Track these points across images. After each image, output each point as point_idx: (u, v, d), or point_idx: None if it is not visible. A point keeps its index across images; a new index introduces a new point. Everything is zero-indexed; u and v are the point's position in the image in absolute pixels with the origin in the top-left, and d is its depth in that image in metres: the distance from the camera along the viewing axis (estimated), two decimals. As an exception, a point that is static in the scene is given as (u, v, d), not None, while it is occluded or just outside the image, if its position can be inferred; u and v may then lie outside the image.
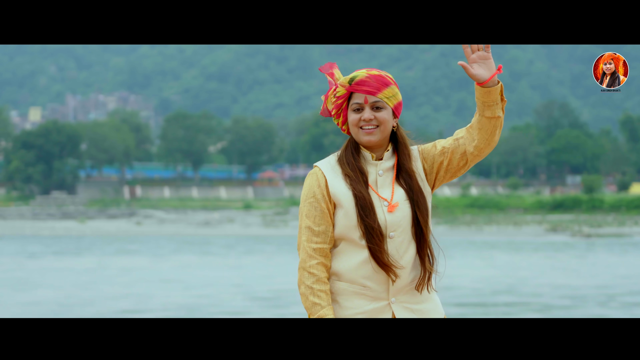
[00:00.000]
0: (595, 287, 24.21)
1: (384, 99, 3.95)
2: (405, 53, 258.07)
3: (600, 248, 39.90)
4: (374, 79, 3.94)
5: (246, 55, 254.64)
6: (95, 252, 39.39)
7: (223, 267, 31.49)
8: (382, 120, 3.95)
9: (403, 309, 3.92)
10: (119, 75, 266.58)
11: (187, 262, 33.81)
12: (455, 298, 21.22)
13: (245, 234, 53.29)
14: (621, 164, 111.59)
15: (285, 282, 25.71)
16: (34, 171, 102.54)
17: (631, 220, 60.61)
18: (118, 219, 71.99)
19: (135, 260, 35.11)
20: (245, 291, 23.56)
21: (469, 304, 20.45)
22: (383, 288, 3.91)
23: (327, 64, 4.07)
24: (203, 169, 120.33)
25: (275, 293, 23.12)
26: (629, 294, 22.47)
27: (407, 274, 3.92)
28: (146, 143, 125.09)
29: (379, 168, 3.98)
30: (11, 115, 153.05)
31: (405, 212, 3.92)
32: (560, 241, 44.96)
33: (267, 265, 32.03)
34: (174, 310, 19.48)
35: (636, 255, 36.25)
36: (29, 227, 61.28)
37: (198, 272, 29.72)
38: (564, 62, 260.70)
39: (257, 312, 19.20)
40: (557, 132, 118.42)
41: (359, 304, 3.91)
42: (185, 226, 61.55)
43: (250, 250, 40.64)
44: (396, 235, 3.90)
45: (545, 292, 23.11)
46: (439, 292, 4.05)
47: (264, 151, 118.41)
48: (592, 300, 21.31)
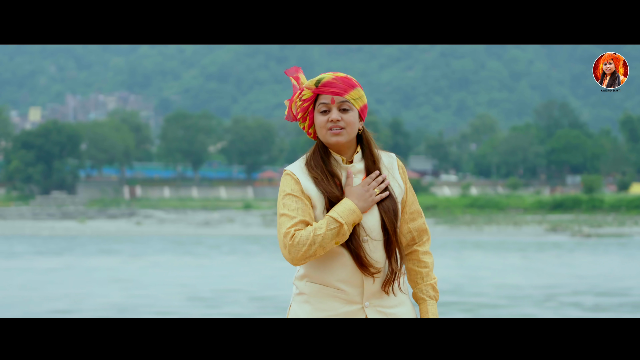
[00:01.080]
0: (539, 287, 24.20)
1: (351, 100, 3.93)
2: (405, 53, 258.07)
3: (582, 247, 39.91)
4: (340, 80, 3.93)
5: (246, 55, 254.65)
6: (76, 252, 39.40)
7: (189, 268, 31.48)
8: (349, 121, 3.92)
9: (376, 313, 3.90)
10: (119, 75, 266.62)
11: (155, 262, 33.85)
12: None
13: (245, 234, 53.30)
14: (621, 164, 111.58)
15: (236, 282, 25.65)
16: (34, 171, 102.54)
17: (631, 220, 60.61)
18: (118, 219, 71.99)
19: (105, 260, 35.13)
20: (186, 291, 23.53)
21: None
22: (357, 291, 3.89)
23: (292, 68, 4.05)
24: (203, 169, 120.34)
25: (216, 293, 23.14)
26: (567, 294, 22.49)
27: (380, 276, 3.91)
28: (146, 143, 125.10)
29: (350, 171, 3.96)
30: (11, 115, 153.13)
31: (375, 215, 3.90)
32: (561, 241, 44.98)
33: (230, 265, 31.99)
34: (102, 311, 19.46)
35: (600, 254, 36.26)
36: (29, 227, 61.29)
37: (155, 271, 29.73)
38: (564, 62, 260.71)
39: (187, 313, 19.17)
40: (557, 132, 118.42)
41: (332, 307, 3.89)
42: (185, 226, 61.55)
43: (234, 250, 40.68)
44: (369, 239, 3.89)
45: (487, 292, 23.13)
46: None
47: (264, 151, 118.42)
48: (529, 299, 21.33)
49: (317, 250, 3.79)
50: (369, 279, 3.89)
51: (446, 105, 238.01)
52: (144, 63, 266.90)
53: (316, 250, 3.79)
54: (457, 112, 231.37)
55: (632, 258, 34.43)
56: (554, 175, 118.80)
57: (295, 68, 4.05)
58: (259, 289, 24.08)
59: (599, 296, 22.12)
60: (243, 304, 20.65)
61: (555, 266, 30.96)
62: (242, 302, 21.22)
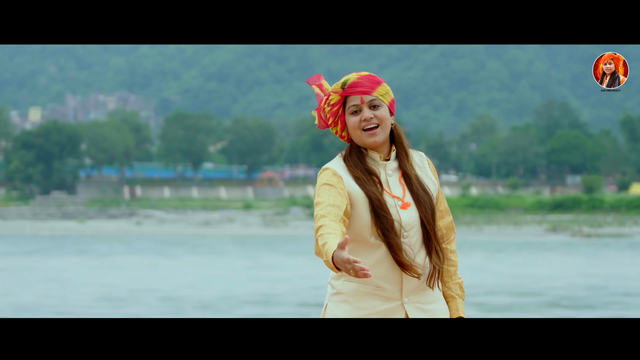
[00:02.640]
0: (540, 287, 24.19)
1: (380, 97, 3.93)
2: (405, 53, 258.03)
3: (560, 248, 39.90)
4: (365, 79, 3.93)
5: (246, 55, 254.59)
6: (47, 253, 39.46)
7: (139, 267, 31.52)
8: (382, 117, 3.93)
9: (415, 309, 3.91)
10: (119, 75, 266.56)
11: (115, 262, 33.92)
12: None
13: (245, 234, 53.29)
14: (621, 164, 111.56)
15: (142, 282, 25.67)
16: (34, 171, 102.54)
17: (631, 220, 60.61)
18: (118, 219, 72.00)
19: (63, 260, 35.21)
20: (99, 292, 23.54)
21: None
22: (396, 288, 3.90)
23: (314, 76, 4.04)
24: (203, 169, 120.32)
25: (130, 293, 23.15)
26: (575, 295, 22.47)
27: (421, 272, 3.93)
28: (146, 143, 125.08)
29: (387, 168, 3.96)
30: (11, 115, 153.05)
31: (416, 213, 3.92)
32: (561, 241, 44.98)
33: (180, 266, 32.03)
34: (7, 311, 19.51)
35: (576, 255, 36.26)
36: (29, 227, 61.28)
37: (99, 272, 29.79)
38: (564, 62, 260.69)
39: (88, 313, 19.21)
40: (557, 132, 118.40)
41: (372, 305, 3.90)
42: (185, 226, 61.55)
43: (211, 250, 40.74)
44: (410, 235, 3.90)
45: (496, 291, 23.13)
46: None
47: (264, 151, 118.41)
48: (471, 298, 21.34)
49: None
50: (408, 275, 3.90)
51: (446, 105, 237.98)
52: (144, 63, 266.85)
53: None
54: (457, 112, 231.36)
55: (632, 258, 34.44)
56: (554, 175, 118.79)
57: (317, 76, 4.04)
58: (155, 288, 24.02)
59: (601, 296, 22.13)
60: (132, 305, 20.60)
61: (555, 266, 30.97)
62: (134, 302, 21.17)
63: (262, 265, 32.39)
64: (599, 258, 34.56)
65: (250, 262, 34.07)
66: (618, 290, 23.41)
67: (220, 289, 24.53)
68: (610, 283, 25.31)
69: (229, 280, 26.93)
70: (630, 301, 21.15)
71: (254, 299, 22.08)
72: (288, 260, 34.58)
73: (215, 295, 22.94)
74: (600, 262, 32.55)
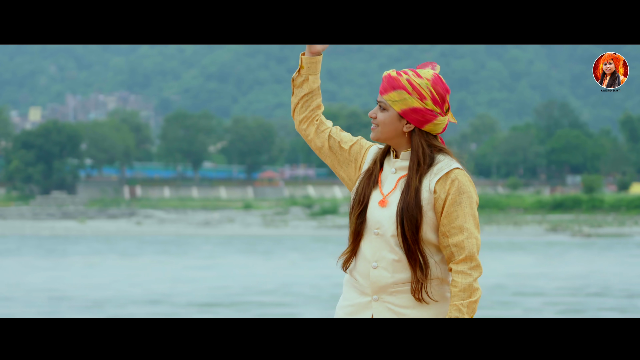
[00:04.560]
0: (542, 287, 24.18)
1: (388, 102, 3.95)
2: (405, 53, 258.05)
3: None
4: (387, 79, 3.99)
5: (246, 55, 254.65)
6: (19, 252, 39.51)
7: (99, 268, 31.55)
8: (380, 121, 3.96)
9: (385, 310, 3.89)
10: (119, 75, 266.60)
11: (79, 261, 33.97)
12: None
13: (245, 234, 53.29)
14: (621, 164, 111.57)
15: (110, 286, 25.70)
16: (34, 171, 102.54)
17: (631, 220, 60.62)
18: (118, 219, 72.01)
19: (24, 259, 35.28)
20: (47, 293, 23.57)
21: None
22: (367, 283, 3.91)
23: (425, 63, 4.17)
24: (203, 169, 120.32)
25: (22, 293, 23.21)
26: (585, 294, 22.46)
27: (389, 274, 3.88)
28: (146, 143, 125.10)
29: (393, 166, 3.98)
30: (11, 115, 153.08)
31: (392, 213, 3.90)
32: (561, 241, 44.98)
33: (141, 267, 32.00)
34: None
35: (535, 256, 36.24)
36: (29, 227, 61.28)
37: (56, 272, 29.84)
38: (564, 62, 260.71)
39: (25, 313, 19.21)
40: (557, 132, 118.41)
41: (352, 296, 3.95)
42: (185, 226, 61.54)
43: (188, 250, 40.75)
44: (380, 233, 3.90)
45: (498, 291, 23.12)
46: None
47: (264, 151, 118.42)
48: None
49: (291, 101, 4.10)
50: (376, 271, 3.89)
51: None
52: (144, 63, 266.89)
53: (291, 101, 4.10)
54: (457, 112, 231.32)
55: (633, 257, 34.44)
56: (554, 175, 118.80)
57: (431, 64, 4.16)
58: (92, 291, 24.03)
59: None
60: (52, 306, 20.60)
61: (556, 266, 30.97)
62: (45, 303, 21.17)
63: (191, 266, 32.22)
64: (599, 258, 34.56)
65: (189, 262, 33.91)
66: (618, 290, 23.42)
67: (116, 289, 24.50)
68: (611, 283, 25.32)
69: (129, 281, 26.79)
70: (631, 302, 21.16)
71: (139, 299, 22.00)
72: (234, 260, 34.42)
73: (100, 295, 22.94)
74: (600, 262, 32.56)
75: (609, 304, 20.50)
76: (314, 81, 4.06)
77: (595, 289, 23.90)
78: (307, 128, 4.04)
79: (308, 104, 4.04)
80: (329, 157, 4.05)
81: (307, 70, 4.03)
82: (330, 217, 68.59)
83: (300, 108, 4.05)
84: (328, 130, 4.06)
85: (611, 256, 35.39)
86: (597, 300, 21.39)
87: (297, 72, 4.06)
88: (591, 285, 24.71)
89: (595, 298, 21.77)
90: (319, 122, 4.05)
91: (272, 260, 35.05)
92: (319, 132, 4.05)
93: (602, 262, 32.48)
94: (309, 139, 4.05)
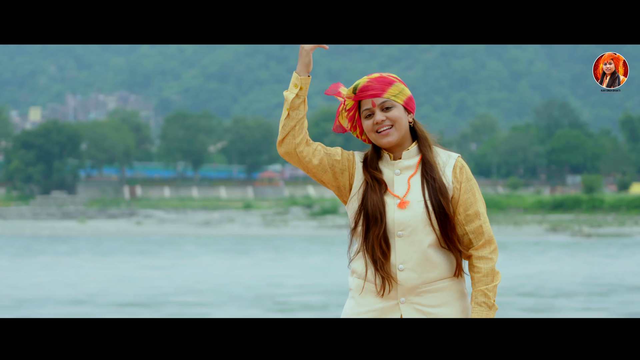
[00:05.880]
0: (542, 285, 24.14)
1: (391, 98, 3.95)
2: (405, 53, 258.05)
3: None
4: (375, 81, 3.96)
5: (246, 55, 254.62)
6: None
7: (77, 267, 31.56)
8: (394, 118, 3.95)
9: (413, 310, 3.90)
10: (119, 75, 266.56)
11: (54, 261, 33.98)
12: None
13: (245, 234, 53.28)
14: (621, 164, 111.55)
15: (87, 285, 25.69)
16: (34, 171, 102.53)
17: (631, 220, 60.61)
18: (118, 219, 72.00)
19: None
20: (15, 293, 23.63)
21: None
22: (393, 287, 3.90)
23: (331, 87, 4.06)
24: (203, 168, 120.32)
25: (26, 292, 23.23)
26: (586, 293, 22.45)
27: (417, 275, 3.90)
28: (146, 143, 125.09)
29: (396, 167, 3.97)
30: (11, 115, 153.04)
31: (418, 212, 3.90)
32: (561, 241, 44.98)
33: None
34: None
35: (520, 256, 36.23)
36: (29, 227, 61.27)
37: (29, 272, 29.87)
38: (564, 62, 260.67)
39: None
40: (557, 132, 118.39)
41: (371, 302, 3.92)
42: (185, 226, 61.53)
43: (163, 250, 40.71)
44: (405, 234, 3.89)
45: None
46: None
47: (264, 151, 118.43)
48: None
49: (283, 124, 3.93)
50: (403, 273, 3.88)
51: (446, 105, 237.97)
52: (144, 63, 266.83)
53: (283, 124, 3.94)
54: (457, 112, 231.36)
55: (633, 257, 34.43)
56: (554, 175, 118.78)
57: (335, 85, 4.05)
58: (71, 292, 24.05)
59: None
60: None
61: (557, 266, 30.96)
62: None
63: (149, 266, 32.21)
64: (599, 258, 34.56)
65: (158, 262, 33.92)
66: (618, 291, 23.42)
67: (46, 289, 24.50)
68: (610, 283, 25.33)
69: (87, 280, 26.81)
70: (629, 302, 21.17)
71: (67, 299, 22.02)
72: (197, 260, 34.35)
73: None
74: (601, 262, 32.56)
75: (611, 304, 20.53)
76: (305, 102, 3.98)
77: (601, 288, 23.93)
78: (304, 150, 3.94)
79: (303, 125, 3.94)
80: (328, 172, 3.98)
81: (305, 92, 3.95)
82: (331, 217, 68.60)
83: (298, 130, 3.92)
84: (319, 147, 3.98)
85: (611, 256, 35.40)
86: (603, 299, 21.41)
87: (292, 94, 3.92)
88: (596, 285, 24.73)
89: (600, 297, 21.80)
90: (309, 142, 3.96)
91: (238, 259, 34.89)
92: (314, 151, 3.97)
93: (602, 262, 32.50)
94: (306, 160, 3.94)
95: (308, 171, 3.98)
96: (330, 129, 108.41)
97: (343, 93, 4.02)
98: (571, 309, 19.40)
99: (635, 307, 19.81)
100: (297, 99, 3.93)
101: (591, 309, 19.63)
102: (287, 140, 3.93)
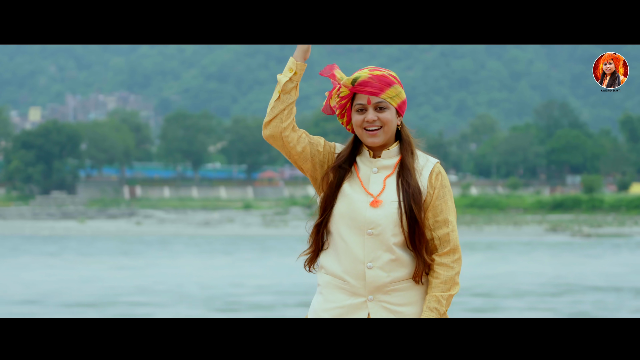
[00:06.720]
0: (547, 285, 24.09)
1: (388, 99, 3.93)
2: (405, 53, 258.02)
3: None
4: (376, 79, 3.93)
5: (246, 55, 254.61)
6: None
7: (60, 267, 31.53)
8: (386, 121, 3.93)
9: (382, 309, 3.89)
10: (119, 75, 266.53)
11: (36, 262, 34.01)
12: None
13: (245, 234, 53.27)
14: (621, 164, 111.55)
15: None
16: (34, 171, 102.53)
17: (631, 220, 60.62)
18: (118, 219, 71.98)
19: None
20: None
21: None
22: (361, 284, 3.89)
23: (326, 67, 4.03)
24: (203, 169, 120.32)
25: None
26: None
27: (385, 273, 3.89)
28: (146, 143, 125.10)
29: (374, 165, 3.96)
30: (11, 115, 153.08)
31: (390, 212, 3.89)
32: (561, 241, 44.97)
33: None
34: None
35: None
36: (28, 227, 61.26)
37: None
38: (564, 62, 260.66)
39: None
40: (557, 132, 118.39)
41: (339, 298, 3.91)
42: (185, 226, 61.51)
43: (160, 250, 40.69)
44: (375, 233, 3.88)
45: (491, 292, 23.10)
46: None
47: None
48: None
49: (272, 106, 3.93)
50: (371, 271, 3.88)
51: (446, 105, 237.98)
52: (144, 63, 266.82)
53: (272, 106, 3.93)
54: (457, 112, 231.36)
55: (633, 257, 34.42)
56: (554, 175, 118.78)
57: (330, 66, 4.04)
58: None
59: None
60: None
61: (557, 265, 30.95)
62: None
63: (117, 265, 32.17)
64: (581, 258, 34.55)
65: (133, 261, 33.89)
66: (573, 291, 23.42)
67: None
68: (570, 283, 25.31)
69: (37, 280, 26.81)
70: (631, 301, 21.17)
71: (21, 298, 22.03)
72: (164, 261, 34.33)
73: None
74: (578, 262, 32.55)
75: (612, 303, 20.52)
76: (297, 88, 3.97)
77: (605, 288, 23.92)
78: (289, 135, 3.92)
79: (292, 111, 3.93)
80: (308, 161, 3.96)
81: (299, 77, 3.94)
82: (330, 217, 68.46)
83: (287, 114, 3.92)
84: (304, 135, 3.97)
85: (594, 256, 35.39)
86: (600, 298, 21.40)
87: (286, 77, 3.93)
88: (594, 285, 24.72)
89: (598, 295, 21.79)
90: (295, 128, 3.95)
91: (217, 260, 34.80)
92: (299, 137, 3.95)
93: (579, 262, 32.49)
94: (291, 146, 3.92)
95: (290, 157, 3.96)
96: (330, 129, 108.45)
97: (337, 76, 4.00)
98: (515, 309, 19.37)
99: (581, 307, 19.83)
100: (290, 82, 3.93)
101: (536, 308, 19.64)
102: (273, 123, 3.92)
